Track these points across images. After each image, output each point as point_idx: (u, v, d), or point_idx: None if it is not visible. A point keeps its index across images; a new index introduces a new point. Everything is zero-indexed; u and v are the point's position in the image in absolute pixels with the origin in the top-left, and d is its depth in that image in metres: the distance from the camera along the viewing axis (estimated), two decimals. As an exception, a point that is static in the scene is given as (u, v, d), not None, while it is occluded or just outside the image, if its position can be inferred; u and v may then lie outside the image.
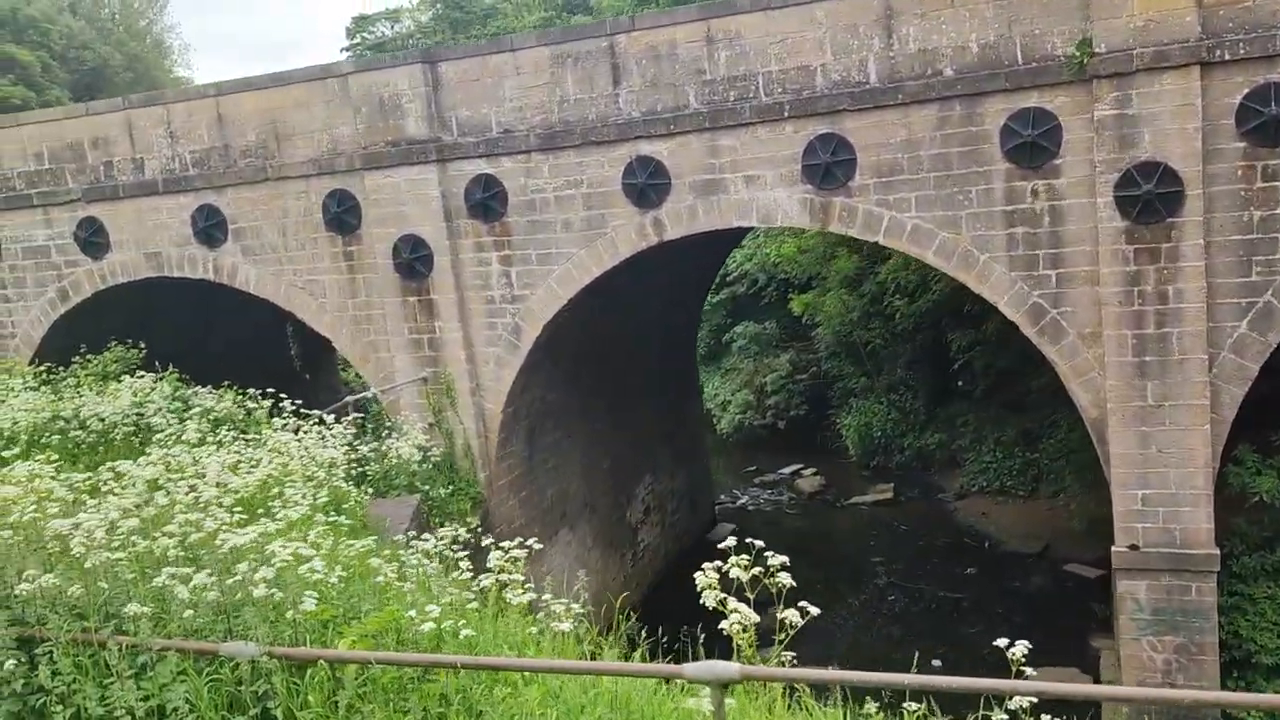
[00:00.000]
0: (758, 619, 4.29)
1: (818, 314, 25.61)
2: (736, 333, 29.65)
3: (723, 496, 25.04)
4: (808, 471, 26.24)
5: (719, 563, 4.52)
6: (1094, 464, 20.33)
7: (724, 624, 4.40)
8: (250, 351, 20.13)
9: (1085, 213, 11.63)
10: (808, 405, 28.15)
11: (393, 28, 46.85)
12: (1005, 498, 22.43)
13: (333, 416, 12.58)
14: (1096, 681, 15.04)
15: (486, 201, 14.38)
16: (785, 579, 4.39)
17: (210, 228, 16.10)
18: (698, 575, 4.44)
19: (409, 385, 15.20)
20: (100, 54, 45.48)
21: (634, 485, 20.07)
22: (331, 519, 7.98)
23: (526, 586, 5.27)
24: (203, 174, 16.01)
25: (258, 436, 12.86)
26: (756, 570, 4.53)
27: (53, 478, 7.21)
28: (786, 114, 12.68)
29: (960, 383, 24.99)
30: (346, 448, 11.09)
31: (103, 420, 14.48)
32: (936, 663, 15.68)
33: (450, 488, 14.09)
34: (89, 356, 16.32)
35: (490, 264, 14.65)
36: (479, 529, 11.49)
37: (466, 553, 7.73)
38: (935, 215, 12.30)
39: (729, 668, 3.92)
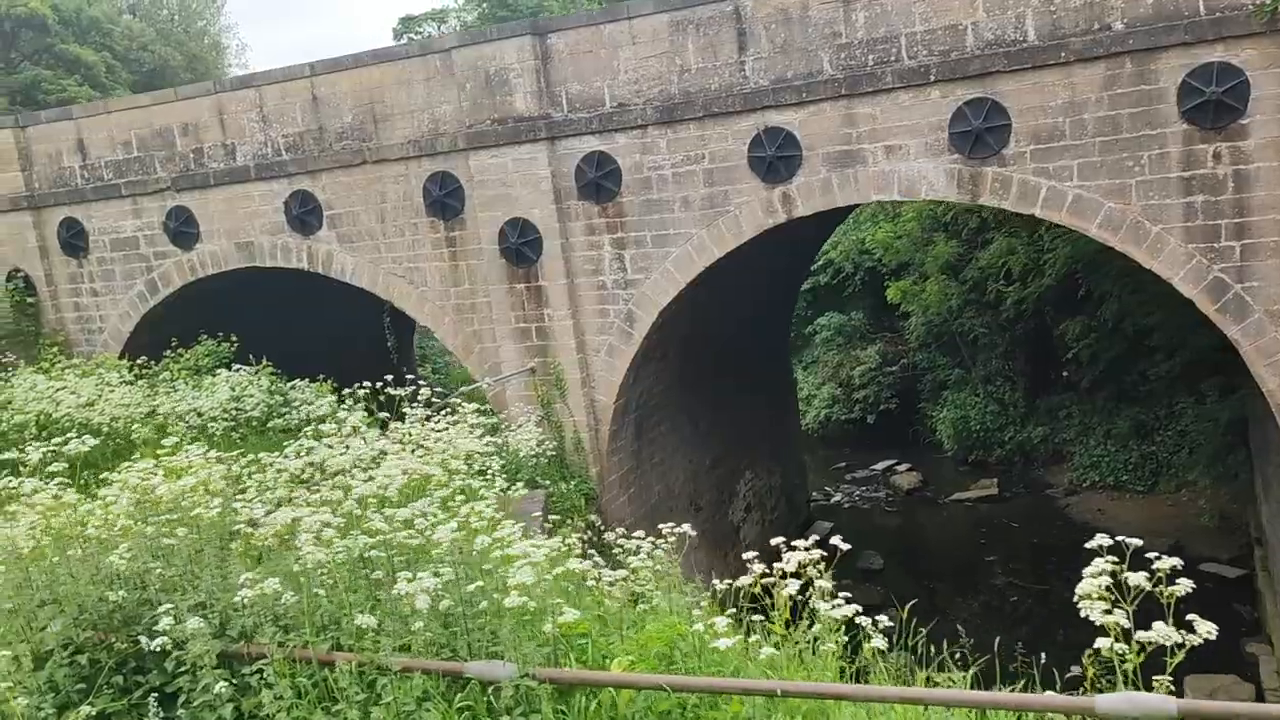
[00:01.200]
0: (1192, 638, 3.37)
1: (912, 302, 24.55)
2: (820, 324, 28.64)
3: (814, 494, 24.07)
4: (901, 467, 25.20)
5: (1106, 564, 3.62)
6: (1225, 456, 19.18)
7: (1102, 643, 3.50)
8: (336, 344, 19.48)
9: (1275, 177, 10.57)
10: (897, 399, 27.09)
11: (439, 28, 46.33)
12: (1121, 493, 21.25)
13: (442, 410, 11.80)
14: (1258, 690, 13.96)
15: (599, 181, 13.57)
16: (1186, 585, 3.50)
17: (304, 214, 15.45)
18: (1084, 584, 3.55)
19: (516, 377, 14.43)
20: (160, 54, 45.37)
21: (735, 482, 19.19)
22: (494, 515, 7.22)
23: (836, 595, 4.40)
24: (296, 158, 15.36)
25: (372, 430, 12.28)
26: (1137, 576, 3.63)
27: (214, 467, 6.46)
28: (933, 78, 11.73)
29: (1065, 373, 23.82)
30: (485, 441, 10.32)
31: (200, 415, 13.90)
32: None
33: (572, 482, 13.33)
34: (179, 350, 15.79)
35: (602, 247, 13.84)
36: (599, 525, 10.73)
37: (593, 551, 6.99)
38: (1100, 184, 11.29)
39: (1165, 703, 3.03)
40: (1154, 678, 3.58)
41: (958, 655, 4.58)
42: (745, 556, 5.01)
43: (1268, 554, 15.73)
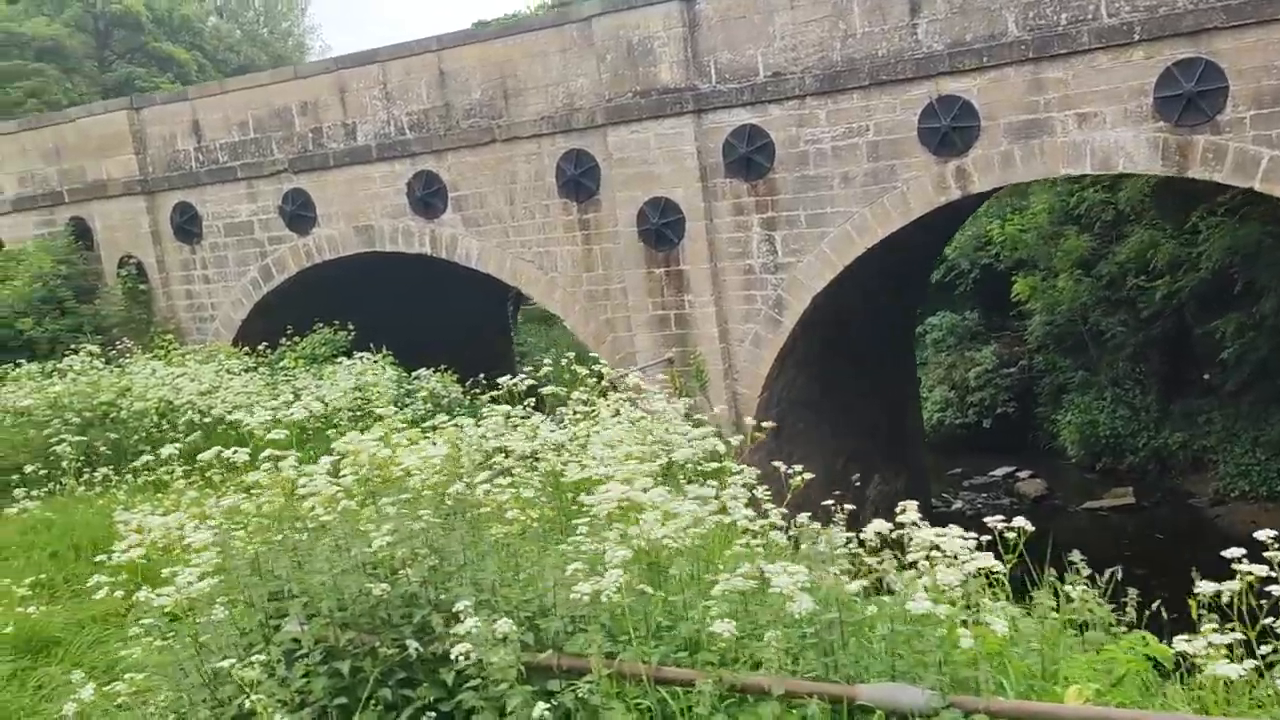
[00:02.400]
0: None
1: (1039, 299, 23.20)
2: (931, 324, 27.37)
3: (933, 501, 22.82)
4: (1023, 474, 23.84)
5: None
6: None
7: None
8: (444, 334, 18.78)
9: None
10: (1015, 402, 25.71)
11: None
12: (1277, 504, 19.71)
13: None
14: None
15: (750, 156, 12.64)
16: None
17: (428, 196, 14.74)
18: None
19: (653, 367, 13.53)
20: (246, 54, 45.50)
21: (865, 486, 18.05)
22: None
23: None
24: (421, 138, 14.67)
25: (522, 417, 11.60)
26: None
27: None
28: (1136, 37, 10.60)
29: (1206, 375, 22.29)
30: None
31: (325, 404, 13.23)
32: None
33: (723, 480, 12.39)
34: (294, 339, 15.20)
35: (750, 228, 12.90)
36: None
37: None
38: (1334, 152, 10.08)
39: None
40: None
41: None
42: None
43: None
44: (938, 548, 3.53)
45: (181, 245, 16.80)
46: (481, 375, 12.96)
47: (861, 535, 3.92)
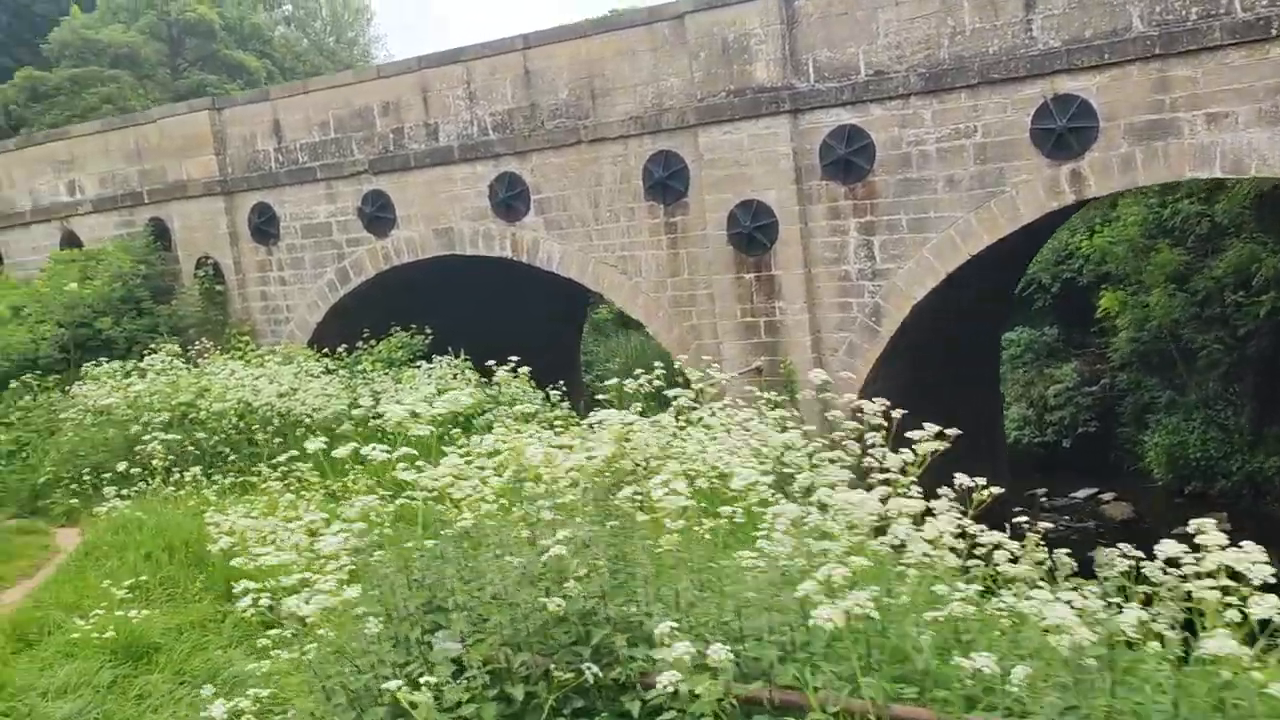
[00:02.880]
0: None
1: (1128, 315, 22.36)
2: (1009, 339, 26.57)
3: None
4: (1106, 496, 22.96)
5: None
6: None
7: None
8: (513, 339, 18.49)
9: None
10: (1096, 422, 24.81)
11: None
12: (1384, 534, 18.69)
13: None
14: None
15: (849, 158, 12.15)
16: None
17: (510, 199, 14.44)
18: None
19: (740, 376, 13.06)
20: (314, 63, 45.89)
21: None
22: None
23: None
24: (504, 138, 14.38)
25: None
26: None
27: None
28: (1274, 32, 9.97)
29: (1307, 396, 21.30)
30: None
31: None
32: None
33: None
34: (371, 341, 14.98)
35: (847, 233, 12.40)
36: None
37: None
38: None
39: None
40: None
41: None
42: None
43: None
44: (1235, 575, 3.00)
45: (258, 246, 16.69)
46: (560, 381, 12.69)
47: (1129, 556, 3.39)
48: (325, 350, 14.63)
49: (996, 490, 4.56)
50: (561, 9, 64.59)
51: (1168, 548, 3.15)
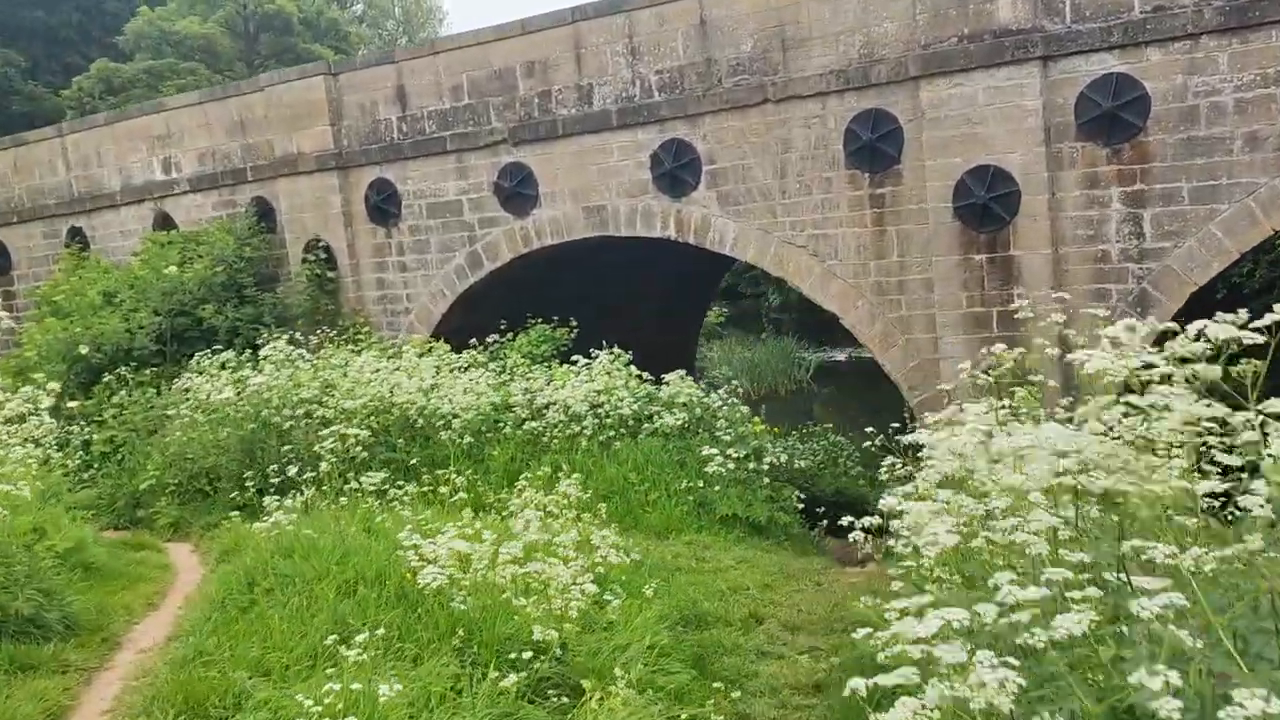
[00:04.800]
0: None
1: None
2: None
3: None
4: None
5: None
6: None
7: None
8: (652, 332, 16.57)
9: None
10: None
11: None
12: None
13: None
14: None
15: (1115, 113, 10.05)
16: None
17: (678, 170, 12.49)
18: None
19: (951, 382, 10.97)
20: (388, 61, 44.46)
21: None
22: None
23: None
24: (672, 100, 12.44)
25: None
26: None
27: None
28: None
29: None
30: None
31: (568, 411, 11.03)
32: None
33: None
34: (507, 335, 13.15)
35: (1108, 204, 10.29)
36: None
37: None
38: None
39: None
40: None
41: None
42: None
43: None
44: None
45: (376, 228, 14.88)
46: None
47: None
48: (452, 345, 12.80)
49: None
50: None
51: None
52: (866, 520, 4.89)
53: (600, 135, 12.95)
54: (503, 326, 13.17)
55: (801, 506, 10.94)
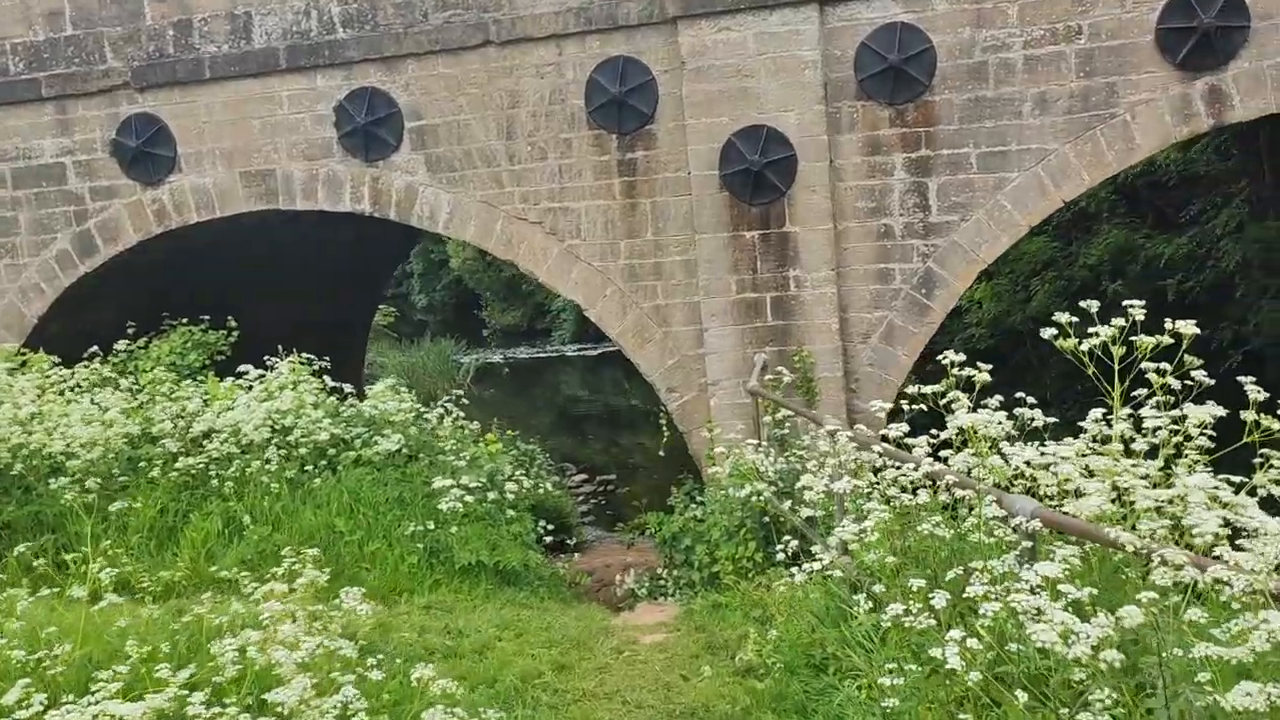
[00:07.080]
0: None
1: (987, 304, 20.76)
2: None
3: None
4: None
5: None
6: None
7: None
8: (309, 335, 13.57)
9: None
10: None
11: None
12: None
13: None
14: None
15: (900, 68, 8.83)
16: None
17: (373, 126, 9.82)
18: None
19: (723, 377, 9.31)
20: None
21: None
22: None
23: None
24: (362, 37, 9.75)
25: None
26: None
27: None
28: None
29: None
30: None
31: (239, 439, 8.13)
32: None
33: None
34: (141, 342, 9.90)
35: (891, 172, 9.06)
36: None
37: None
38: None
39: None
40: None
41: None
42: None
43: None
44: None
45: (-68, 202, 10.76)
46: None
47: None
48: (59, 358, 9.29)
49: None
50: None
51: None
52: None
53: (264, 80, 9.96)
54: (131, 331, 9.81)
55: (550, 539, 8.90)
